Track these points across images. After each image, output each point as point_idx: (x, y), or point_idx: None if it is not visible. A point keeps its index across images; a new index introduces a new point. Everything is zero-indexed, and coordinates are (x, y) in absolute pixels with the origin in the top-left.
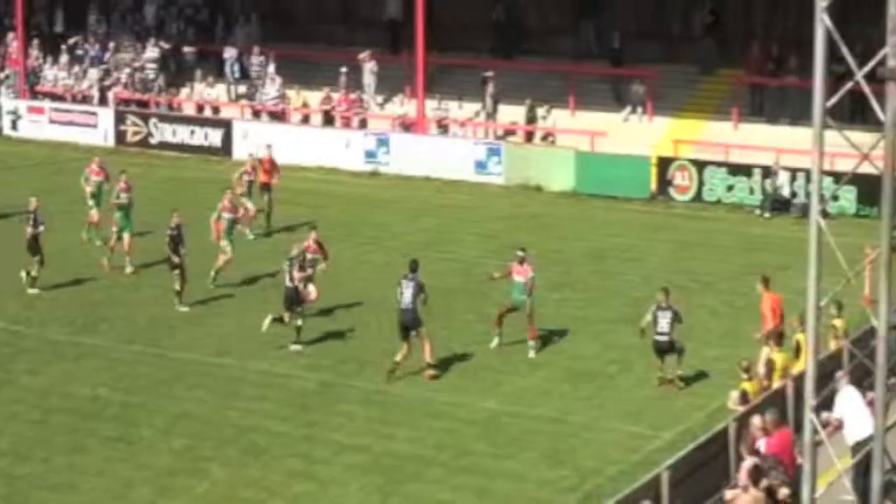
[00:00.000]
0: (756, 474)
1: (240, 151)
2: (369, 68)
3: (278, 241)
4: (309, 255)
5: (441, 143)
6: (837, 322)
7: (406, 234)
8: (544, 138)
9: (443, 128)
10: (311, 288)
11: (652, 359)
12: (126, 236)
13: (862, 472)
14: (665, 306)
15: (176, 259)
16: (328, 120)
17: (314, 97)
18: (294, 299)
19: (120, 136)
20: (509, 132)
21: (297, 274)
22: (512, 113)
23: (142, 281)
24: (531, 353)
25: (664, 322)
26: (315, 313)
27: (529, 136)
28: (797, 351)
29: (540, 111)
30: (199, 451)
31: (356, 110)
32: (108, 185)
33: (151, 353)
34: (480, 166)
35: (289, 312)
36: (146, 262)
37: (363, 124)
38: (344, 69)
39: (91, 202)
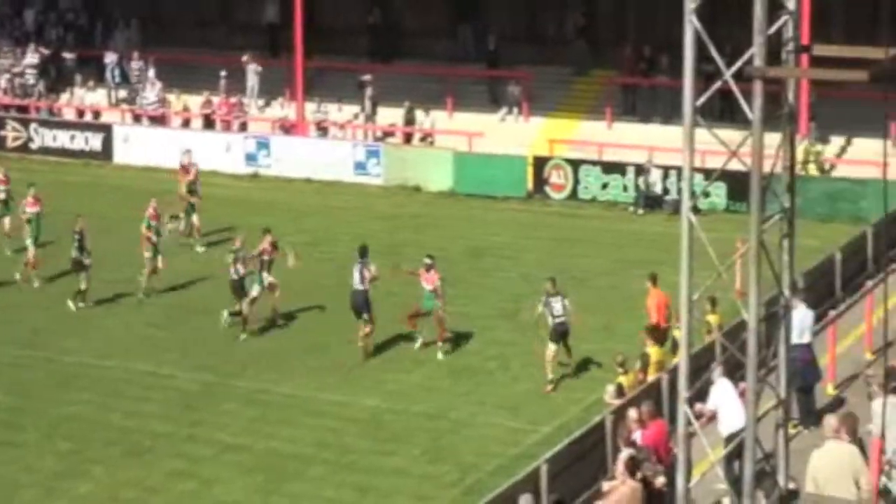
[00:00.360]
0: (632, 465)
1: (120, 156)
2: (253, 70)
3: (182, 248)
4: (266, 257)
5: (321, 145)
6: (711, 317)
7: (287, 236)
8: (423, 139)
9: (322, 130)
10: (256, 287)
11: (534, 356)
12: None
13: (734, 461)
14: (554, 293)
15: (86, 261)
16: (208, 123)
17: (194, 101)
18: (240, 290)
19: (0, 142)
20: (388, 134)
21: (240, 267)
22: (391, 115)
23: (28, 285)
24: (440, 355)
25: (559, 306)
26: (199, 314)
27: (408, 138)
28: (674, 346)
29: (419, 113)
30: (83, 454)
31: (236, 114)
32: (12, 202)
33: (36, 357)
34: (360, 168)
35: (238, 300)
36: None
37: (243, 127)
38: (223, 73)
39: None
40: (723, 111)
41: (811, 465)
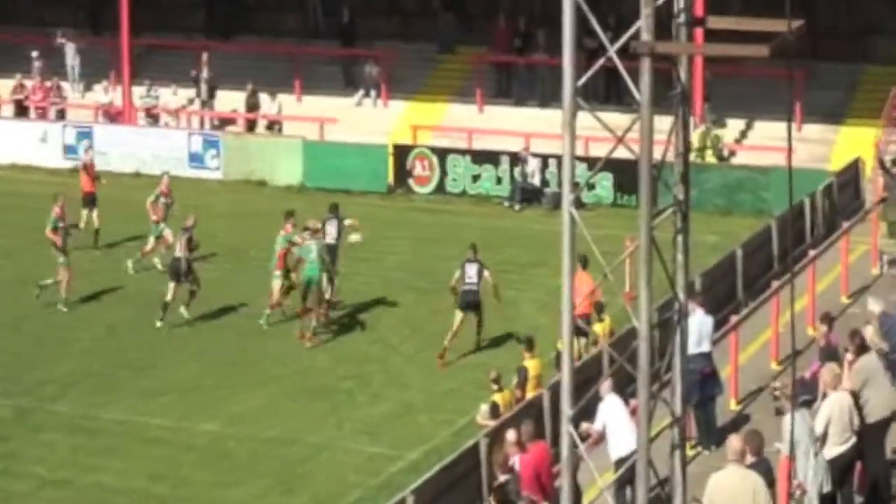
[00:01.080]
0: (500, 495)
1: None
2: (72, 49)
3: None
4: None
5: (151, 134)
6: (597, 326)
7: (113, 238)
8: (268, 127)
9: (153, 117)
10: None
11: (396, 372)
12: None
13: (626, 488)
14: (473, 259)
15: None
16: (21, 110)
17: (4, 85)
18: (181, 271)
19: None
20: (228, 121)
21: (184, 246)
22: (231, 99)
23: None
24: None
25: (472, 272)
26: (6, 328)
27: (251, 125)
28: (557, 360)
29: (263, 97)
30: None
31: (53, 99)
32: None
33: None
34: (196, 160)
35: (174, 283)
36: None
37: (62, 115)
38: (36, 53)
39: None
40: (608, 92)
41: (709, 489)
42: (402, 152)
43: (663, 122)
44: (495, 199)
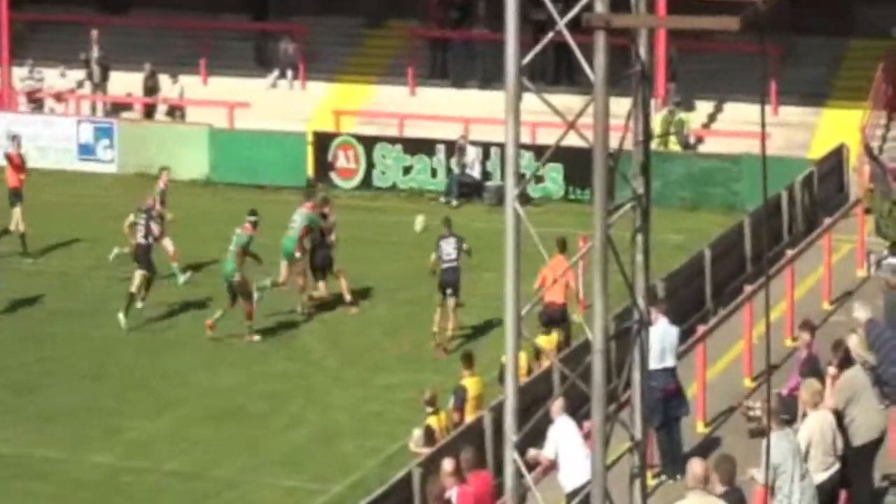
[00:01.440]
0: None
1: None
2: None
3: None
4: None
5: (35, 122)
6: (544, 338)
7: None
8: (170, 113)
9: (36, 102)
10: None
11: (318, 392)
12: None
13: None
14: (449, 234)
15: None
16: None
17: None
18: (145, 258)
19: None
20: (123, 106)
21: (154, 228)
22: (126, 81)
23: None
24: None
25: (449, 248)
26: None
27: (149, 111)
28: (501, 377)
29: (163, 78)
30: None
31: None
32: None
33: None
34: (86, 151)
35: (143, 271)
36: None
37: None
38: None
39: None
40: (558, 71)
41: None
42: (322, 141)
43: (621, 105)
44: (430, 194)
